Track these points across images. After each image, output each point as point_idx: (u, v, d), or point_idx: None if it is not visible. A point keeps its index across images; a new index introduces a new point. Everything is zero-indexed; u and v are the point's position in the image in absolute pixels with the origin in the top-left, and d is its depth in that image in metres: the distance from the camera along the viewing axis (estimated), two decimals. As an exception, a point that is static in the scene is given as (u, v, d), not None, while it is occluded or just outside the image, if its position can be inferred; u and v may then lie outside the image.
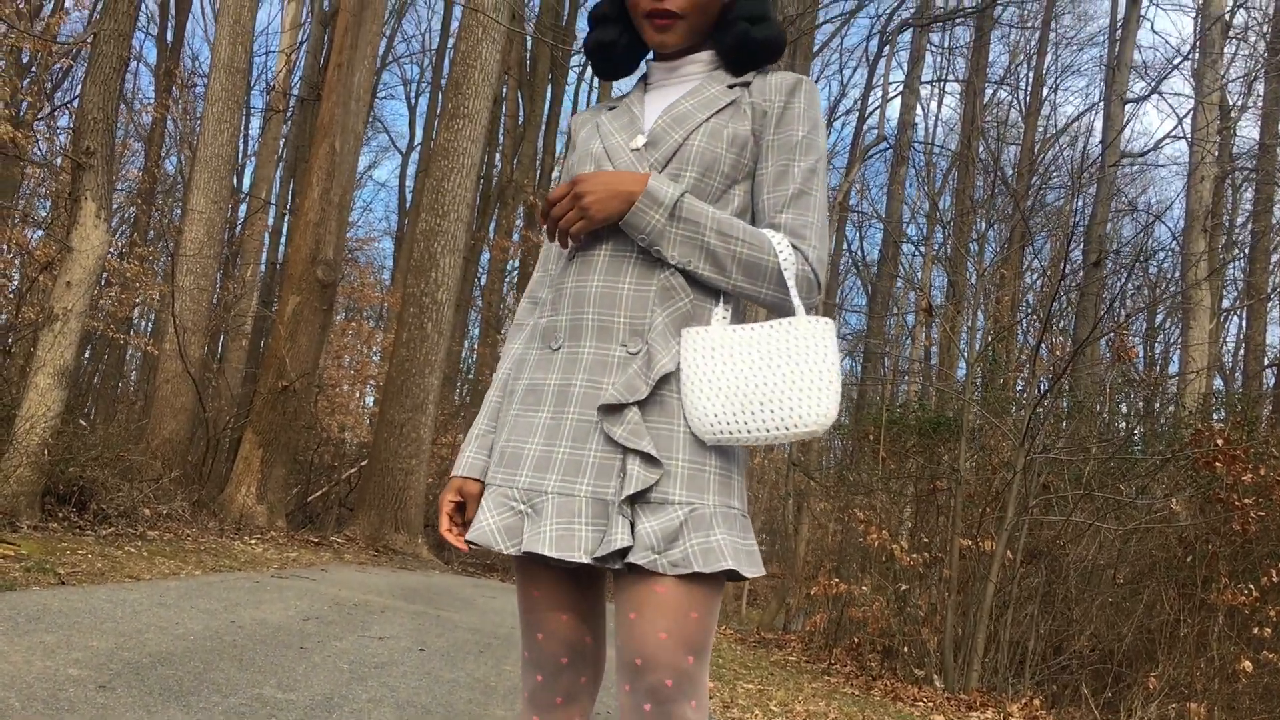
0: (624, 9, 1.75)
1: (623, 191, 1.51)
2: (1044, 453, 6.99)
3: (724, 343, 1.49)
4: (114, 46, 6.85)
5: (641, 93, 1.75)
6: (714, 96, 1.65)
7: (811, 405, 1.42)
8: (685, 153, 1.59)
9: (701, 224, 1.51)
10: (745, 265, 1.52)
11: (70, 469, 6.93)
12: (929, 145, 24.07)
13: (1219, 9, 14.16)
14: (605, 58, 1.77)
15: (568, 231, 1.55)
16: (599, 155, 1.66)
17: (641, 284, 1.54)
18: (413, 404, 12.76)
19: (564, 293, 1.59)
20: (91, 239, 6.72)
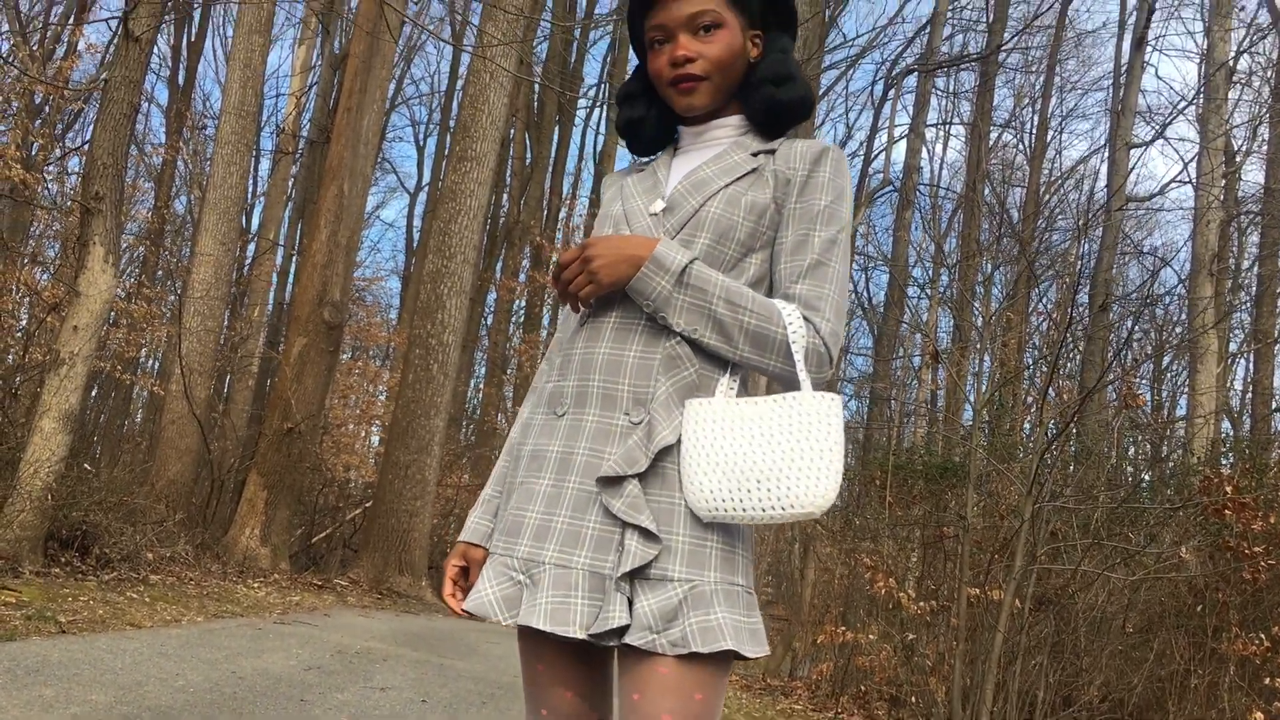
0: (650, 84, 1.75)
1: (631, 256, 1.50)
2: (1052, 500, 6.94)
3: (726, 416, 1.47)
4: (125, 93, 6.91)
5: (670, 156, 1.75)
6: (736, 163, 1.64)
7: (810, 486, 1.39)
8: (700, 219, 1.58)
9: (709, 292, 1.50)
10: (753, 336, 1.50)
11: (74, 513, 6.91)
12: (934, 188, 24.18)
13: (1223, 55, 14.25)
14: (637, 134, 1.77)
15: (577, 295, 1.54)
16: (617, 218, 1.67)
17: (647, 352, 1.52)
18: (418, 445, 12.74)
19: (572, 358, 1.58)
20: (99, 283, 6.74)
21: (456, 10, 15.75)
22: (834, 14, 21.44)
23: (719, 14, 1.64)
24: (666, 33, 1.65)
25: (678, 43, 1.63)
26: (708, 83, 1.64)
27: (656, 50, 1.67)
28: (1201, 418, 12.87)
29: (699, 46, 1.63)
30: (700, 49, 1.63)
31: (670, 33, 1.64)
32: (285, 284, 21.75)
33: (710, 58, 1.63)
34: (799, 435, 1.42)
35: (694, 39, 1.63)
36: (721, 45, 1.63)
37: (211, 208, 12.68)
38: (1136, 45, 13.38)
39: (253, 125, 13.64)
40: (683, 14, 1.63)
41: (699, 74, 1.63)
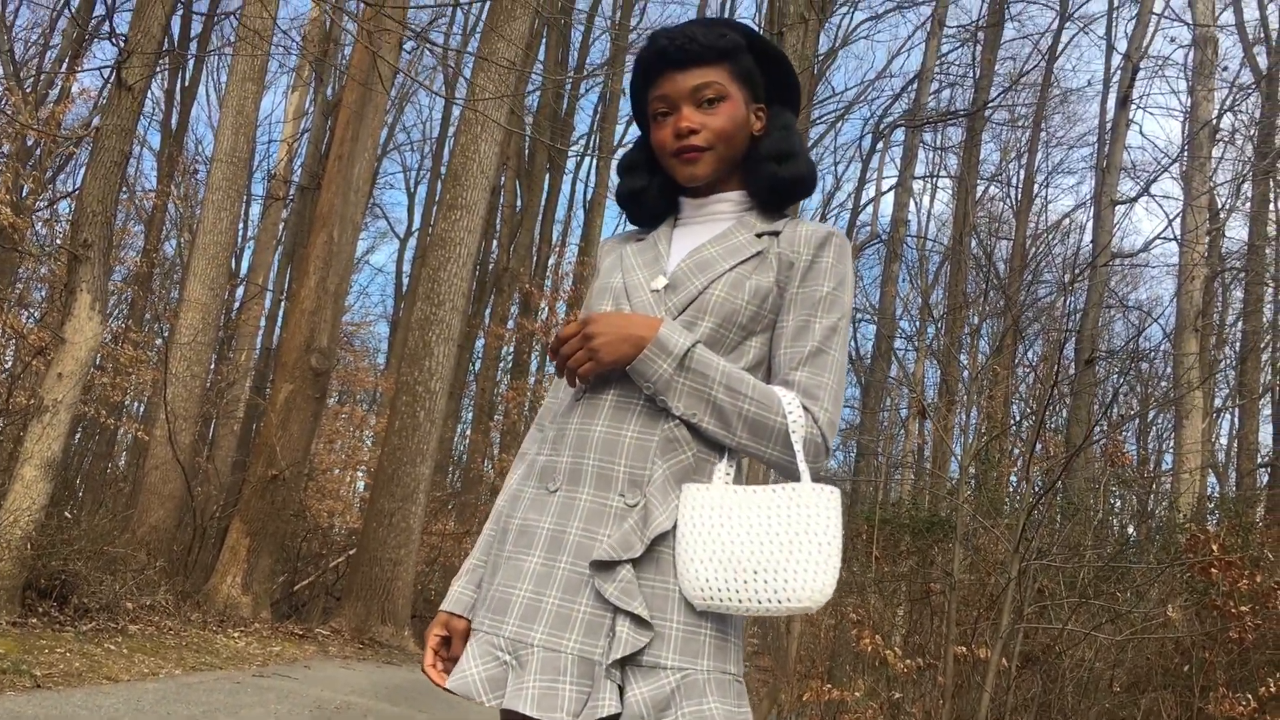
0: (651, 155, 1.75)
1: (633, 336, 1.49)
2: (1039, 558, 6.93)
3: (724, 504, 1.45)
4: (116, 141, 6.93)
5: (670, 228, 1.74)
6: (740, 245, 1.63)
7: (807, 580, 1.37)
8: (704, 301, 1.57)
9: (710, 377, 1.49)
10: (752, 423, 1.49)
11: (53, 562, 6.83)
12: (921, 239, 24.35)
13: (1206, 114, 14.44)
14: (638, 204, 1.77)
15: (576, 372, 1.53)
16: (618, 292, 1.65)
17: (645, 433, 1.51)
18: (403, 493, 12.66)
19: (567, 434, 1.56)
20: (85, 331, 6.72)
21: (448, 62, 15.88)
22: (823, 68, 21.71)
23: (723, 87, 1.64)
24: (670, 104, 1.65)
25: (681, 114, 1.64)
26: (711, 154, 1.64)
27: (660, 121, 1.67)
28: (1187, 473, 12.90)
29: (703, 118, 1.63)
30: (704, 121, 1.63)
31: (674, 104, 1.65)
32: (273, 329, 21.72)
33: (714, 129, 1.63)
34: (798, 528, 1.40)
35: (697, 111, 1.64)
36: (725, 117, 1.64)
37: (201, 253, 12.68)
38: (1121, 104, 13.56)
39: (244, 172, 13.67)
40: (687, 86, 1.64)
41: (702, 145, 1.63)
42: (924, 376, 20.10)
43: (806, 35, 12.20)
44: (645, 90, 1.72)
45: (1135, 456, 17.46)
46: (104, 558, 7.70)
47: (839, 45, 23.14)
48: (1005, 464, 10.93)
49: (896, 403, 20.28)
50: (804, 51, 12.26)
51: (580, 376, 1.53)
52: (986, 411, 13.51)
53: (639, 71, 1.72)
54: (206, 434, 17.81)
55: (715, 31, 1.66)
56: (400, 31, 9.71)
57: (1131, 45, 13.74)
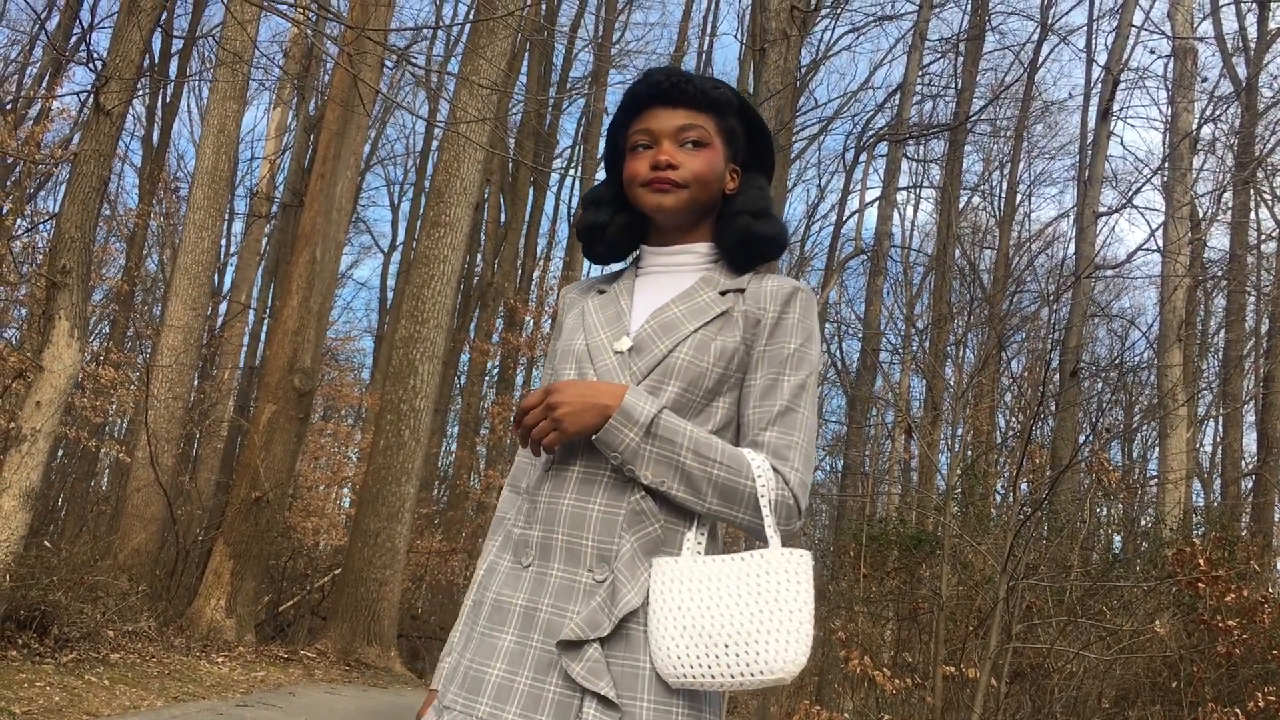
0: (619, 192, 1.72)
1: (597, 404, 1.46)
2: (1027, 576, 6.92)
3: (693, 576, 1.42)
4: (94, 166, 6.87)
5: (633, 279, 1.70)
6: (705, 304, 1.60)
7: (779, 651, 1.34)
8: (669, 364, 1.54)
9: (678, 443, 1.46)
10: (721, 488, 1.46)
11: (33, 592, 6.75)
12: (905, 250, 24.41)
13: (1187, 125, 14.51)
14: (598, 239, 1.72)
15: (540, 442, 1.50)
16: (580, 355, 1.61)
17: (611, 506, 1.48)
18: (388, 513, 12.59)
19: (538, 506, 1.53)
20: (64, 358, 6.65)
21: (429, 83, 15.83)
22: (805, 80, 21.77)
23: (708, 133, 1.63)
24: (652, 137, 1.63)
25: (662, 148, 1.61)
26: (684, 192, 1.61)
27: (638, 153, 1.64)
28: (1171, 483, 12.92)
29: (683, 157, 1.61)
30: (684, 160, 1.61)
31: (656, 138, 1.62)
32: (256, 347, 21.61)
33: (692, 170, 1.61)
34: (768, 597, 1.37)
35: (679, 149, 1.61)
36: (704, 163, 1.62)
37: (182, 272, 12.60)
38: (1102, 116, 13.61)
39: (226, 190, 13.61)
40: (673, 124, 1.62)
41: (677, 181, 1.60)
42: (909, 389, 20.13)
43: (789, 50, 12.21)
44: (627, 124, 1.69)
45: (1120, 465, 17.50)
46: (85, 586, 7.62)
47: (821, 58, 23.21)
48: (991, 476, 10.94)
49: (883, 414, 20.29)
50: (786, 66, 12.27)
51: (545, 447, 1.49)
52: (972, 424, 13.52)
53: (626, 104, 1.69)
54: (190, 452, 17.70)
55: (710, 82, 1.65)
56: (381, 53, 9.67)
57: (1112, 58, 13.81)
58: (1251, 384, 18.35)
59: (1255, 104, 16.50)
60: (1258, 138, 16.74)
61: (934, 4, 17.43)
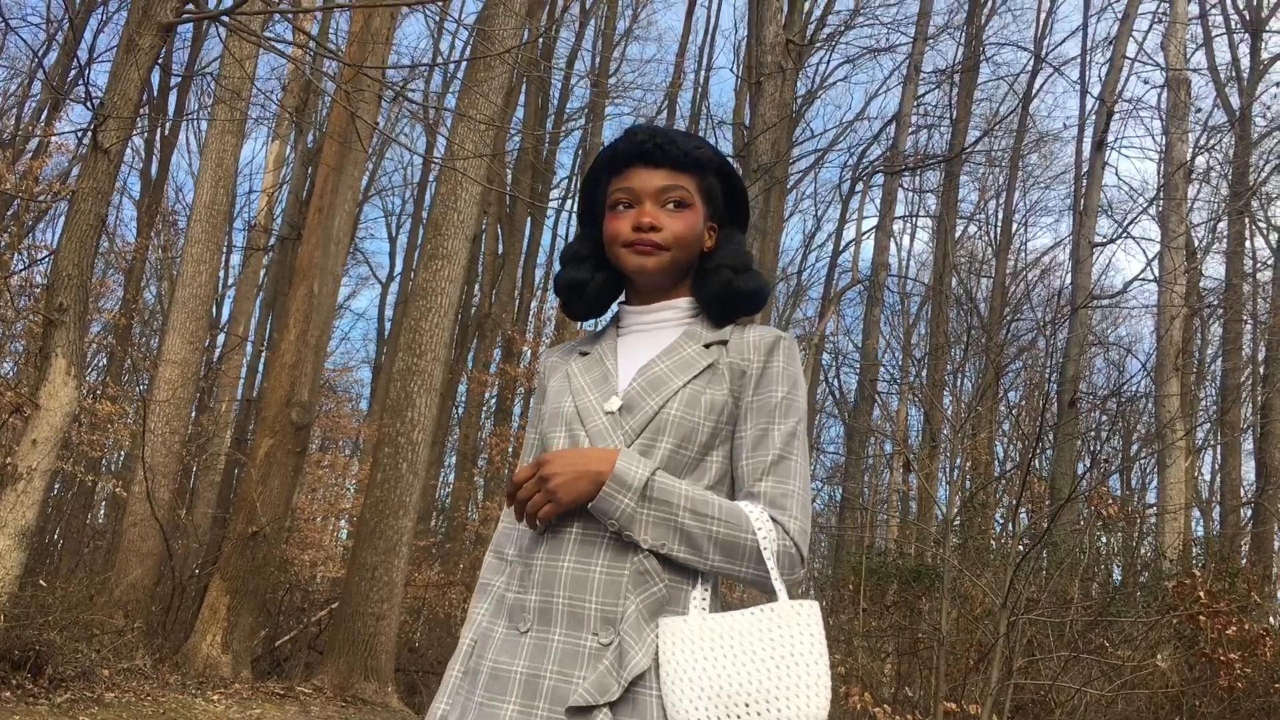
0: (598, 249, 1.72)
1: (590, 472, 1.45)
2: (1028, 611, 6.89)
3: (703, 634, 1.41)
4: (92, 204, 6.88)
5: (614, 339, 1.70)
6: (690, 359, 1.60)
7: (801, 706, 1.33)
8: (661, 421, 1.54)
9: (674, 504, 1.45)
10: (722, 545, 1.45)
11: (28, 632, 6.71)
12: (902, 279, 24.46)
13: (1181, 156, 14.58)
14: (577, 297, 1.73)
15: (535, 515, 1.49)
16: (570, 418, 1.60)
17: (614, 568, 1.47)
18: (385, 546, 12.52)
19: (533, 570, 1.51)
20: (60, 396, 6.63)
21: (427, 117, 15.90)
22: (801, 111, 21.88)
23: (690, 194, 1.63)
24: (634, 197, 1.63)
25: (644, 209, 1.61)
26: (666, 254, 1.62)
27: (619, 212, 1.64)
28: (1171, 513, 12.89)
29: (665, 219, 1.61)
30: (666, 221, 1.61)
31: (638, 198, 1.62)
32: (254, 379, 21.59)
33: (674, 232, 1.62)
34: (783, 651, 1.37)
35: (661, 210, 1.62)
36: (686, 224, 1.62)
37: (180, 306, 12.61)
38: (1097, 147, 13.68)
39: (224, 224, 13.64)
40: (655, 184, 1.62)
41: (659, 243, 1.61)
42: (907, 417, 20.12)
43: (784, 83, 12.29)
44: (607, 180, 1.69)
45: (1119, 495, 17.48)
46: (80, 624, 7.57)
47: (816, 89, 23.33)
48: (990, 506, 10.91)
49: (881, 444, 20.27)
50: (782, 99, 12.34)
51: (540, 519, 1.49)
52: (970, 454, 13.50)
53: (606, 160, 1.69)
54: (187, 484, 17.64)
55: (693, 142, 1.66)
56: (379, 90, 9.72)
57: (1106, 89, 13.89)
58: (1249, 412, 18.37)
59: (1249, 133, 16.59)
60: (1251, 166, 16.82)
61: (928, 36, 17.56)
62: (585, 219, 1.78)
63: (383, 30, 10.86)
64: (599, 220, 1.73)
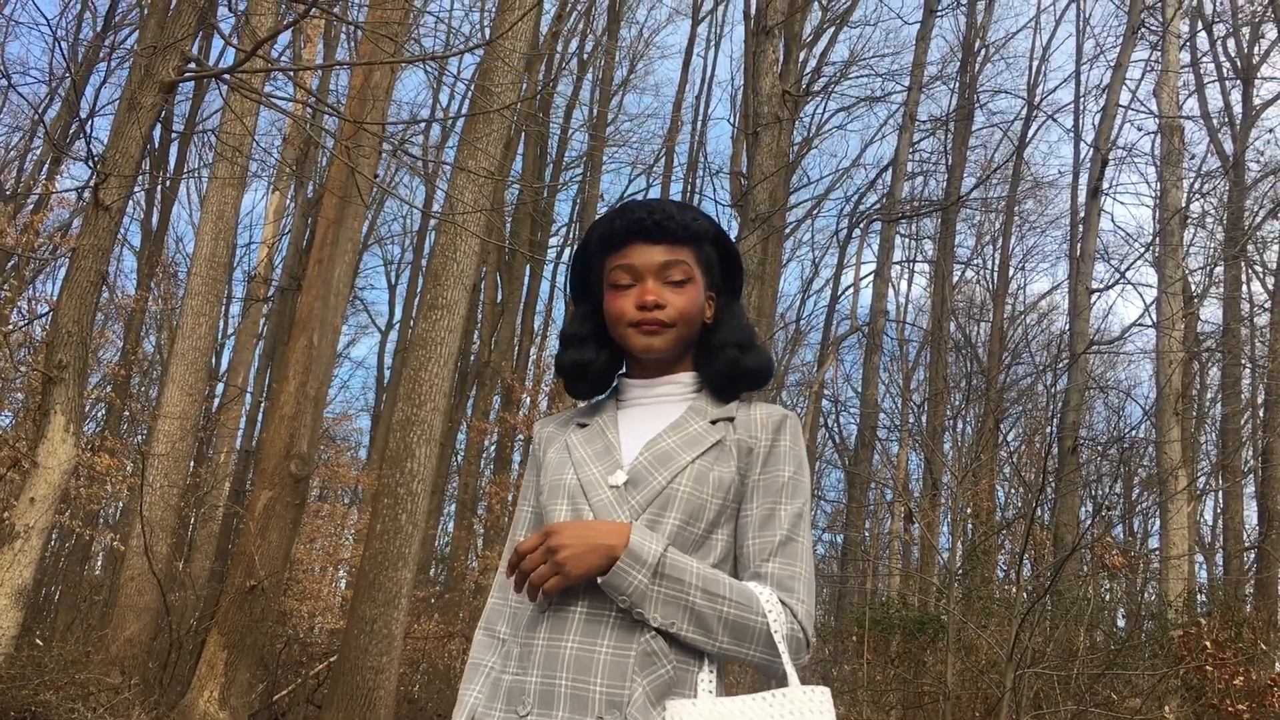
0: (598, 327, 1.71)
1: (601, 546, 1.42)
2: (1033, 663, 6.83)
3: (714, 719, 1.39)
4: (93, 261, 6.89)
5: (614, 411, 1.68)
6: (698, 434, 1.59)
7: None
8: (668, 497, 1.52)
9: (686, 582, 1.43)
10: (732, 627, 1.43)
11: (23, 692, 6.64)
12: (900, 324, 24.49)
13: (1176, 202, 14.66)
14: (582, 378, 1.71)
15: (541, 588, 1.47)
16: (573, 490, 1.58)
17: (620, 649, 1.44)
18: (385, 599, 12.41)
19: (534, 650, 1.48)
20: (59, 454, 6.61)
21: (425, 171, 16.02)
22: (798, 158, 22.03)
23: (691, 269, 1.63)
24: (635, 275, 1.62)
25: (647, 286, 1.60)
26: (672, 331, 1.61)
27: (620, 291, 1.63)
28: (1174, 559, 12.82)
29: (669, 295, 1.60)
30: (669, 298, 1.60)
31: (639, 275, 1.61)
32: (253, 429, 21.55)
33: (678, 308, 1.61)
34: None
35: (663, 287, 1.61)
36: (689, 299, 1.62)
37: (179, 359, 12.61)
38: (1092, 195, 13.77)
39: (224, 276, 13.68)
40: (656, 261, 1.61)
41: (666, 321, 1.60)
42: (907, 463, 20.06)
43: (781, 133, 12.38)
44: (603, 256, 1.68)
45: (1121, 542, 17.40)
46: (76, 684, 7.50)
47: (812, 136, 23.50)
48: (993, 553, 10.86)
49: (882, 491, 20.22)
50: (779, 148, 12.43)
51: (545, 592, 1.46)
52: (972, 501, 13.46)
53: (601, 238, 1.67)
54: (185, 535, 17.54)
55: (690, 214, 1.65)
56: (379, 146, 9.78)
57: (1100, 137, 14.00)
58: (1250, 456, 18.33)
59: (1243, 178, 16.71)
60: (1246, 211, 16.92)
61: (923, 85, 17.73)
62: (580, 296, 1.76)
63: (382, 85, 10.96)
64: (593, 297, 1.72)
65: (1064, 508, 12.33)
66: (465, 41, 16.25)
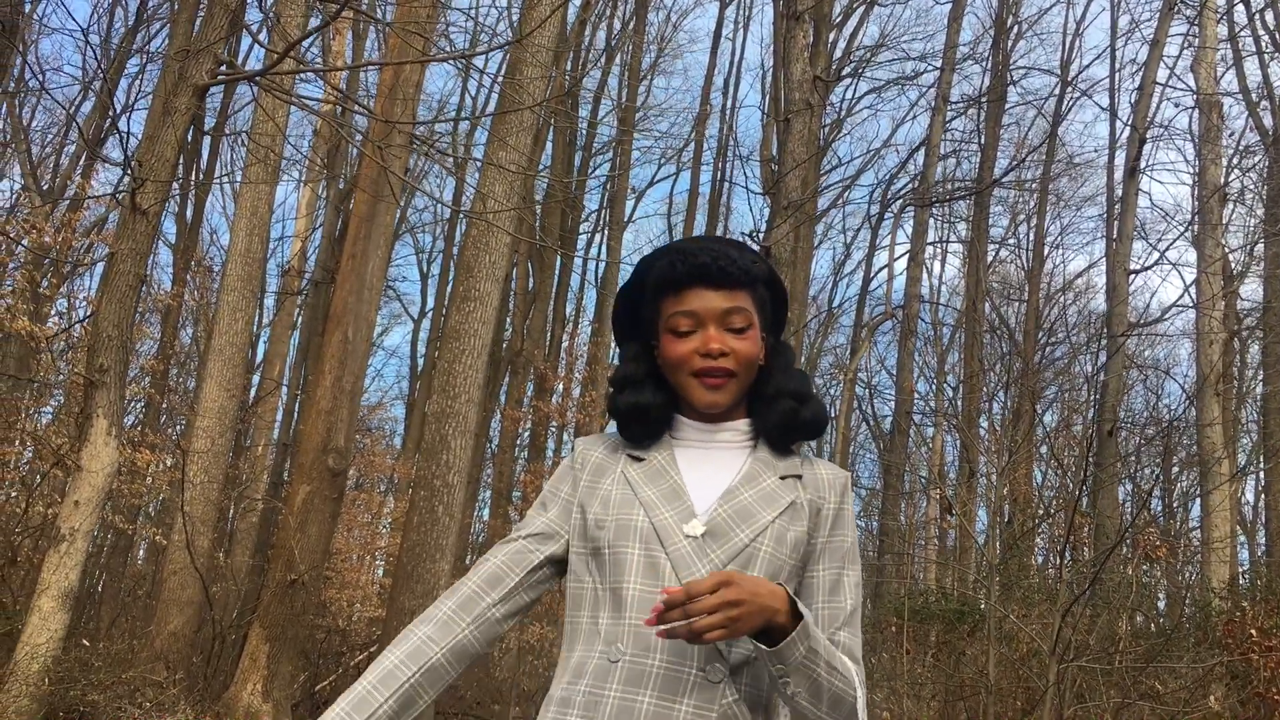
0: (653, 368, 1.66)
1: (768, 608, 1.35)
2: (1076, 658, 6.77)
3: None
4: (131, 265, 6.95)
5: (670, 449, 1.63)
6: (773, 492, 1.56)
7: None
8: (750, 556, 1.50)
9: (820, 654, 1.39)
10: (834, 699, 1.42)
11: (71, 693, 6.74)
12: (935, 304, 24.32)
13: (1215, 178, 14.44)
14: (642, 420, 1.63)
15: (700, 635, 1.34)
16: (646, 534, 1.51)
17: (701, 710, 1.41)
18: (423, 590, 12.50)
19: (603, 703, 1.43)
20: (101, 457, 6.69)
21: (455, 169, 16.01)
22: (829, 139, 21.87)
23: (750, 314, 1.58)
24: (698, 320, 1.57)
25: (710, 334, 1.56)
26: (735, 381, 1.58)
27: (681, 337, 1.58)
28: (1216, 545, 12.67)
29: (732, 342, 1.56)
30: (733, 345, 1.56)
31: (702, 321, 1.57)
32: (290, 421, 21.72)
33: (741, 355, 1.57)
34: None
35: (725, 333, 1.57)
36: (751, 344, 1.58)
37: (216, 354, 12.71)
38: (1129, 175, 13.58)
39: (259, 271, 13.76)
40: (719, 307, 1.57)
41: (731, 369, 1.56)
42: (943, 446, 19.94)
43: (812, 118, 12.28)
44: (659, 298, 1.63)
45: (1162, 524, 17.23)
46: (122, 683, 7.60)
47: (843, 117, 23.31)
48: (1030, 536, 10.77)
49: (917, 474, 20.10)
50: (810, 134, 12.33)
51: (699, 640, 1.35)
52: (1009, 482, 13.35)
53: (661, 279, 1.62)
54: (225, 527, 17.74)
55: (749, 256, 1.62)
56: (409, 143, 9.79)
57: (1137, 116, 13.79)
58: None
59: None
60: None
61: (955, 65, 17.53)
62: (628, 334, 1.72)
63: (411, 79, 10.96)
64: (642, 335, 1.68)
65: (1104, 493, 12.23)
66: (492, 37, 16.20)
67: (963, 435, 14.04)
